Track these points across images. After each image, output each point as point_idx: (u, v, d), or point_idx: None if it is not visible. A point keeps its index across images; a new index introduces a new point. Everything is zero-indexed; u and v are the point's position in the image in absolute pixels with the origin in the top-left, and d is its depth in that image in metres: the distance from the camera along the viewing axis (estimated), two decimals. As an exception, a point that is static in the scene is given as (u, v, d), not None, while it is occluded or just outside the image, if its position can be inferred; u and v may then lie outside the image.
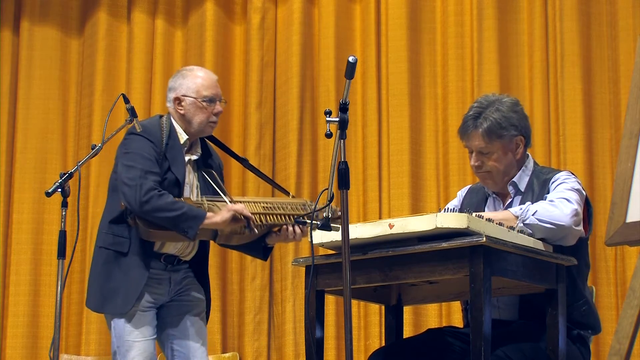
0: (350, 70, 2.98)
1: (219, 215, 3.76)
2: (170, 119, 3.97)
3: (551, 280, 3.20)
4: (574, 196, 3.32)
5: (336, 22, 5.84)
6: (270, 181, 4.24)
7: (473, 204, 3.58)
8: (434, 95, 5.65)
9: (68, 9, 6.30)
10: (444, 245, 3.02)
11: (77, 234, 3.81)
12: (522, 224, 3.23)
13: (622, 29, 5.27)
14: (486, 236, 2.96)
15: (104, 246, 3.84)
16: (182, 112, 3.96)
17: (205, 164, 4.02)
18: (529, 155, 3.54)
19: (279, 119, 5.91)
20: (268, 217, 3.84)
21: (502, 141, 3.41)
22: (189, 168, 3.96)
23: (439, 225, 3.00)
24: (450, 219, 3.00)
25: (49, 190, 3.66)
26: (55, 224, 5.97)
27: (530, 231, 3.22)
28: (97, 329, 5.77)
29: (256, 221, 3.80)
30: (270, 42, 6.00)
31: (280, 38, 6.00)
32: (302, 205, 3.94)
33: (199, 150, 4.01)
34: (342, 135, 3.00)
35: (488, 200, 3.57)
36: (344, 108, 3.00)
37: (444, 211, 3.67)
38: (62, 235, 3.68)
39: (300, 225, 3.79)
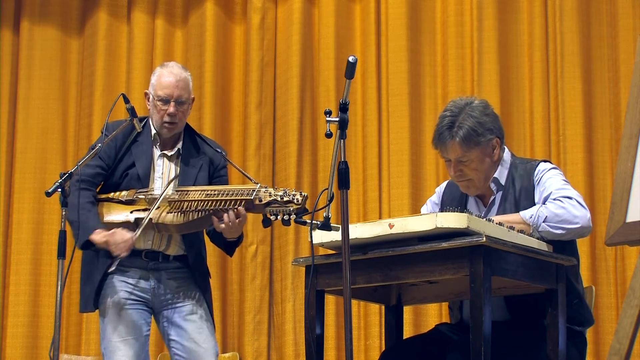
0: (350, 70, 2.98)
1: (99, 235, 3.70)
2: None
3: (551, 280, 3.20)
4: (574, 192, 3.32)
5: (336, 22, 5.84)
6: (237, 168, 4.08)
7: (455, 198, 3.57)
8: (434, 95, 5.65)
9: (68, 9, 6.30)
10: (444, 245, 3.02)
11: (77, 234, 3.81)
12: (536, 232, 3.25)
13: (622, 29, 5.27)
14: (486, 236, 2.96)
15: None
16: (148, 107, 3.98)
17: (184, 158, 3.93)
18: (505, 148, 3.51)
19: (279, 119, 5.90)
20: (206, 204, 3.68)
21: (479, 147, 3.38)
22: (164, 162, 3.92)
23: (439, 225, 3.00)
24: (450, 219, 3.00)
25: (49, 190, 3.66)
26: (55, 224, 5.96)
27: (544, 235, 3.25)
28: (97, 329, 5.74)
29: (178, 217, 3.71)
30: (270, 42, 6.00)
31: (280, 38, 5.99)
32: (251, 190, 3.64)
33: (179, 145, 3.95)
34: (342, 135, 3.00)
35: (469, 197, 3.56)
36: (344, 108, 3.00)
37: (424, 207, 3.69)
38: (62, 235, 3.68)
39: (237, 209, 3.62)
